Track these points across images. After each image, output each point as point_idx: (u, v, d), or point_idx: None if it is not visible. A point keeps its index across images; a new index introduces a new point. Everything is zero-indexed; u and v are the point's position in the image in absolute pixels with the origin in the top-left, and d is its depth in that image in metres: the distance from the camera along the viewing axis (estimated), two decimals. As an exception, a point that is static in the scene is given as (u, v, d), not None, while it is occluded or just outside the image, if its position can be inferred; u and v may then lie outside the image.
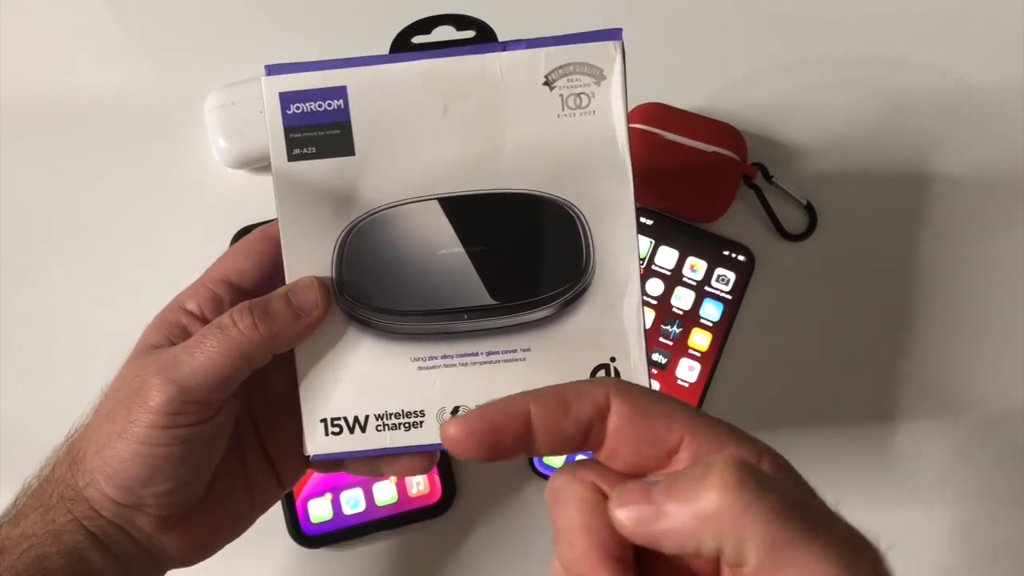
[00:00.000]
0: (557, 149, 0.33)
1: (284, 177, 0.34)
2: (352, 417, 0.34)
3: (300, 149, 0.34)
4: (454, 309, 0.34)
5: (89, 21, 0.56)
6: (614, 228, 0.33)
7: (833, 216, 0.53)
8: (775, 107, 0.54)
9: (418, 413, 0.34)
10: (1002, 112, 0.54)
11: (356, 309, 0.34)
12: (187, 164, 0.53)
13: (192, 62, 0.55)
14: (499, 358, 0.34)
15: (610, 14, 0.56)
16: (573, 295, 0.34)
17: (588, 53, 0.33)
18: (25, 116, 0.54)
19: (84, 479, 0.32)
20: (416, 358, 0.34)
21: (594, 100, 0.33)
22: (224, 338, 0.31)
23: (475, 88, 0.33)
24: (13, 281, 0.52)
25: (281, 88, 0.34)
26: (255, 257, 0.35)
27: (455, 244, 0.34)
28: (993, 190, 0.53)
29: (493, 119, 0.33)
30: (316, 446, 0.34)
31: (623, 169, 0.33)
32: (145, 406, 0.31)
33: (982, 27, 0.56)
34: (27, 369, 0.51)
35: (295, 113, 0.34)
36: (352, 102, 0.33)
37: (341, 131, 0.33)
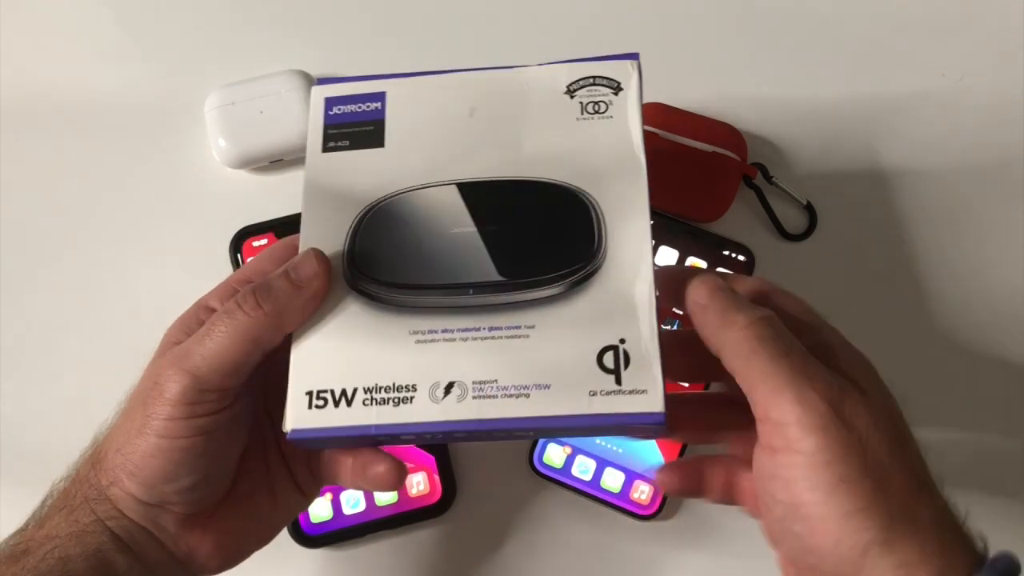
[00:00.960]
0: (575, 148, 0.35)
1: (316, 164, 0.36)
2: (339, 389, 0.33)
3: (335, 142, 0.36)
4: (460, 284, 0.34)
5: (89, 21, 0.56)
6: (628, 219, 0.34)
7: (833, 216, 0.53)
8: (775, 107, 0.54)
9: (410, 387, 0.32)
10: (1002, 112, 0.54)
11: (361, 281, 0.34)
12: (187, 164, 0.53)
13: (192, 62, 0.55)
14: (501, 334, 0.33)
15: (610, 14, 0.56)
16: (582, 276, 0.33)
17: (608, 69, 0.36)
18: (25, 116, 0.54)
19: (107, 478, 0.32)
20: (415, 331, 0.33)
21: (612, 107, 0.36)
22: (231, 322, 0.31)
23: (501, 94, 0.36)
24: (13, 281, 0.52)
25: (328, 94, 0.37)
26: (280, 262, 0.34)
27: (468, 224, 0.35)
28: (993, 190, 0.53)
29: (516, 120, 0.36)
30: (297, 419, 0.32)
31: (638, 165, 0.35)
32: (161, 399, 0.31)
33: (982, 27, 0.56)
34: (27, 369, 0.51)
35: (335, 113, 0.37)
36: (389, 104, 0.37)
37: (375, 127, 0.36)
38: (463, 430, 0.32)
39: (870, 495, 0.27)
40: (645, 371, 0.32)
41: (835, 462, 0.27)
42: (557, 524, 0.49)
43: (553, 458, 0.48)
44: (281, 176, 0.53)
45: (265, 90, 0.52)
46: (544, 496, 0.49)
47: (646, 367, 0.32)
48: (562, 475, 0.48)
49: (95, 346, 0.50)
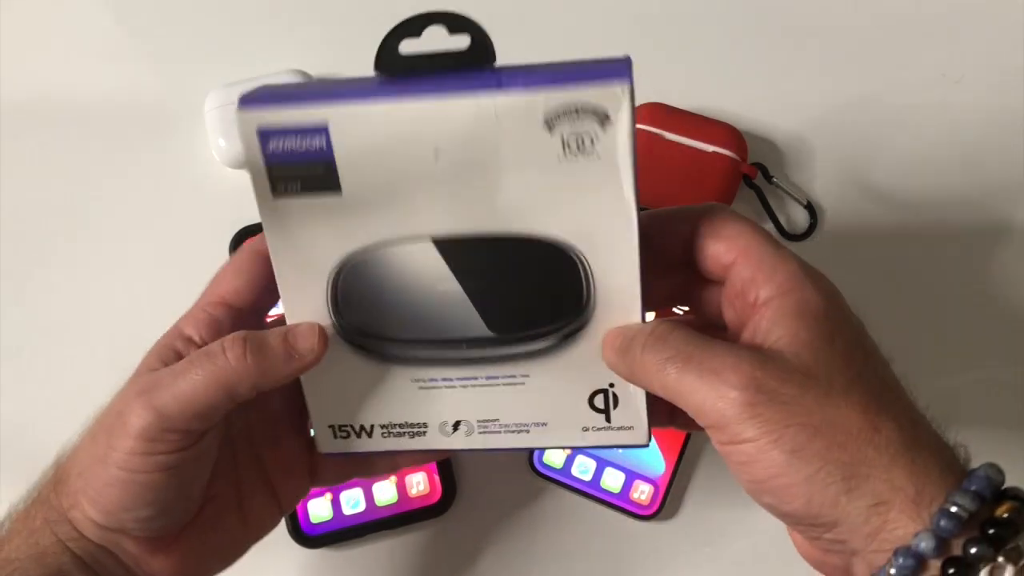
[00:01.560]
0: (558, 192, 0.31)
1: (271, 214, 0.32)
2: (358, 425, 0.35)
3: (284, 185, 0.32)
4: (453, 340, 0.34)
5: (89, 21, 0.56)
6: (617, 268, 0.32)
7: (833, 216, 0.53)
8: (775, 107, 0.54)
9: (421, 425, 0.35)
10: (1002, 112, 0.54)
11: (355, 336, 0.34)
12: (187, 164, 0.53)
13: (192, 62, 0.55)
14: (498, 382, 0.34)
15: (610, 15, 0.56)
16: (571, 330, 0.33)
17: (592, 96, 0.29)
18: (25, 116, 0.54)
19: (68, 501, 0.32)
20: (416, 379, 0.34)
21: (598, 143, 0.30)
22: (210, 366, 0.30)
23: (469, 131, 0.30)
24: (13, 281, 0.52)
25: (259, 124, 0.31)
26: (246, 274, 0.34)
27: (451, 281, 0.33)
28: (993, 190, 0.53)
29: (488, 164, 0.31)
30: (327, 446, 0.36)
31: (627, 212, 0.31)
32: (124, 431, 0.30)
33: (983, 27, 0.56)
34: (27, 369, 0.51)
35: (276, 151, 0.31)
36: (335, 141, 0.31)
37: (325, 170, 0.31)
38: (473, 454, 0.37)
39: (824, 453, 0.27)
40: (632, 411, 0.34)
41: (780, 438, 0.28)
42: (557, 524, 0.49)
43: (553, 458, 0.48)
44: (281, 176, 0.53)
45: (265, 90, 0.52)
46: (544, 496, 0.49)
47: (632, 407, 0.34)
48: (562, 475, 0.48)
49: (95, 346, 0.50)
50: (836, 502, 0.27)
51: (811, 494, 0.28)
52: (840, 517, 0.28)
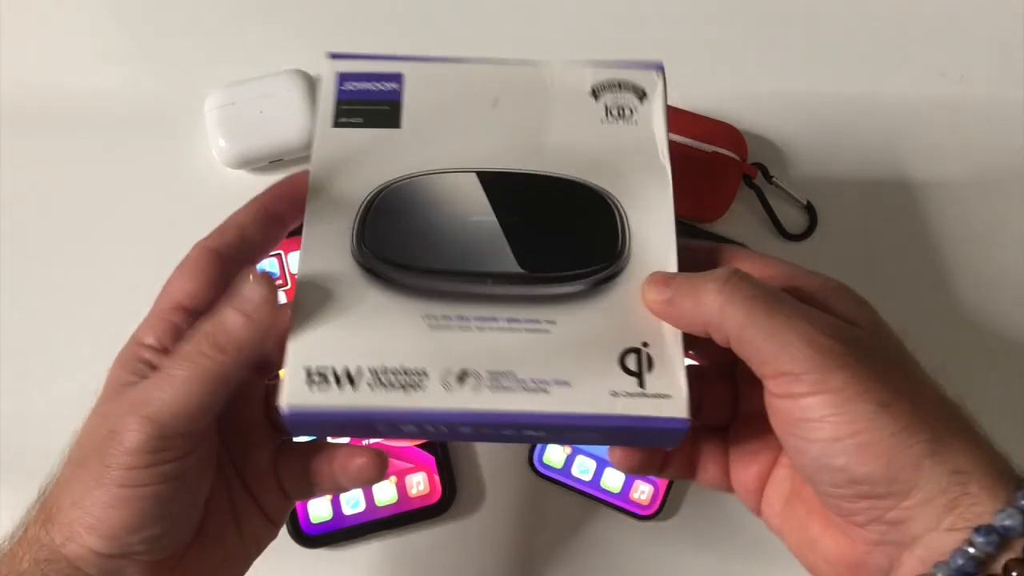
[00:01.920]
0: (599, 149, 0.35)
1: (325, 139, 0.35)
2: (343, 368, 0.30)
3: (347, 118, 0.35)
4: (479, 272, 0.32)
5: (89, 21, 0.56)
6: (652, 222, 0.33)
7: (833, 216, 0.53)
8: (775, 107, 0.54)
9: (420, 372, 0.30)
10: (1002, 112, 0.54)
11: (373, 262, 0.32)
12: (187, 164, 0.53)
13: (192, 62, 0.55)
14: (520, 327, 0.31)
15: (610, 14, 0.56)
16: (605, 276, 0.32)
17: (633, 75, 0.36)
18: (25, 116, 0.54)
19: (61, 535, 0.30)
20: (428, 315, 0.31)
21: (637, 113, 0.35)
22: (190, 366, 0.30)
23: (525, 88, 0.35)
24: (13, 281, 0.52)
25: (341, 69, 0.36)
26: (200, 275, 0.33)
27: (488, 212, 0.33)
28: (993, 190, 0.53)
29: (539, 117, 0.35)
30: (294, 396, 0.30)
31: (663, 173, 0.34)
32: (120, 448, 0.29)
33: (982, 27, 0.56)
34: (27, 369, 0.51)
35: (349, 89, 0.35)
36: (407, 86, 0.35)
37: (391, 108, 0.35)
38: (475, 422, 0.30)
39: (910, 413, 0.27)
40: (669, 376, 0.30)
41: (868, 391, 0.27)
42: (557, 524, 0.49)
43: (553, 458, 0.48)
44: (281, 176, 0.53)
45: (265, 90, 0.52)
46: (544, 496, 0.49)
47: (670, 372, 0.31)
48: (562, 475, 0.48)
49: (95, 346, 0.50)
50: (919, 464, 0.27)
51: (894, 453, 0.27)
52: (920, 482, 0.27)
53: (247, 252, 0.34)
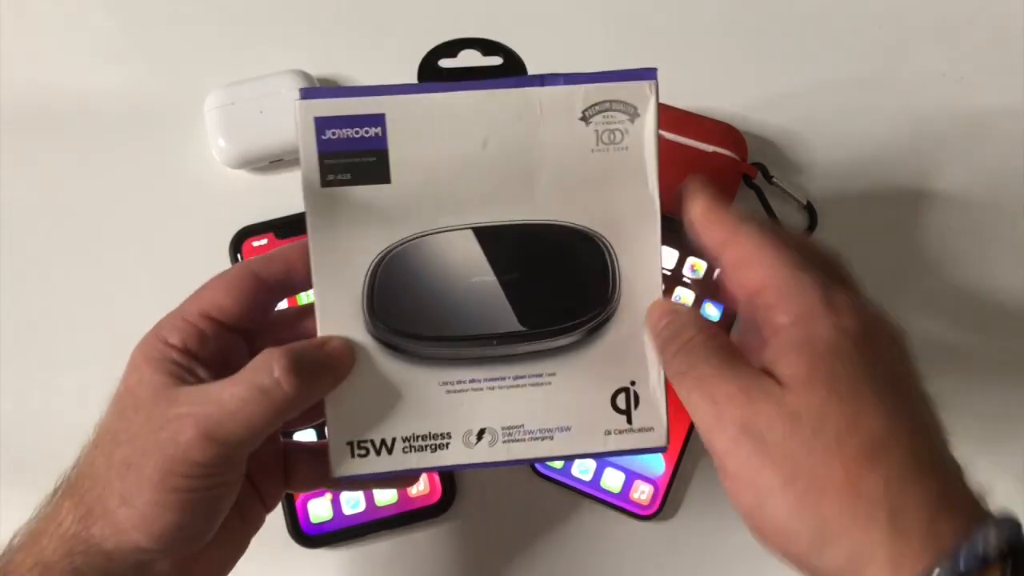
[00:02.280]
0: (590, 182, 0.34)
1: (316, 201, 0.33)
2: (379, 440, 0.35)
3: (334, 175, 0.33)
4: (485, 335, 0.34)
5: (89, 21, 0.56)
6: (639, 259, 0.34)
7: (833, 216, 0.53)
8: (775, 107, 0.54)
9: (445, 435, 0.35)
10: (1002, 112, 0.54)
11: (387, 335, 0.34)
12: (187, 164, 0.53)
13: (192, 62, 0.55)
14: (525, 382, 0.35)
15: (609, 13, 0.56)
16: (599, 322, 0.35)
17: (624, 92, 0.34)
18: (25, 116, 0.54)
19: (104, 531, 0.31)
20: (444, 382, 0.35)
21: (627, 136, 0.34)
22: (265, 400, 0.31)
23: (515, 121, 0.34)
24: (13, 281, 0.52)
25: (317, 112, 0.33)
26: (236, 294, 0.34)
27: (487, 272, 0.34)
28: (993, 190, 0.53)
29: (530, 153, 0.34)
30: (342, 468, 0.35)
31: (651, 204, 0.34)
32: (182, 458, 0.30)
33: (983, 27, 0.56)
34: (27, 369, 0.51)
35: (330, 139, 0.33)
36: (391, 130, 0.33)
37: (377, 159, 0.33)
38: (492, 467, 0.35)
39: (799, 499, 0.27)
40: (652, 410, 0.35)
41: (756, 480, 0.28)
42: (557, 524, 0.49)
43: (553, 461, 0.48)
44: (281, 176, 0.53)
45: (265, 90, 0.52)
46: (544, 496, 0.49)
47: (653, 406, 0.35)
48: (562, 475, 0.48)
49: (95, 346, 0.50)
50: (809, 551, 0.27)
51: (787, 536, 0.28)
52: (817, 565, 0.27)
53: (288, 286, 0.35)
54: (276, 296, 0.36)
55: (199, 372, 0.33)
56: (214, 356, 0.34)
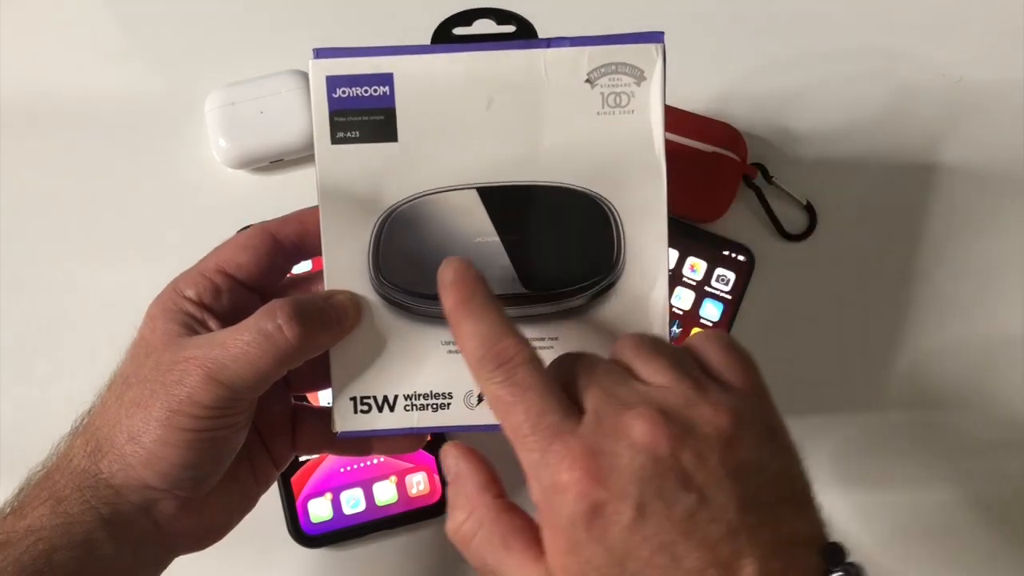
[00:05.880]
0: (595, 146, 0.34)
1: (326, 159, 0.34)
2: (381, 396, 0.35)
3: (344, 132, 0.34)
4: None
5: (89, 21, 0.56)
6: (646, 225, 0.34)
7: (833, 216, 0.53)
8: (775, 107, 0.54)
9: (446, 395, 0.35)
10: (1001, 111, 0.54)
11: (391, 292, 0.34)
12: (187, 164, 0.53)
13: (192, 62, 0.55)
14: None
15: (609, 14, 0.56)
16: (603, 287, 0.34)
17: (630, 54, 0.34)
18: (25, 116, 0.54)
19: (111, 467, 0.32)
20: (446, 342, 0.35)
21: (633, 100, 0.34)
22: (268, 344, 0.32)
23: (520, 83, 0.34)
24: (13, 281, 0.52)
25: (328, 72, 0.34)
26: (252, 252, 0.35)
27: (491, 233, 0.34)
28: (993, 190, 0.53)
29: (534, 114, 0.34)
30: (345, 423, 0.35)
31: (657, 169, 0.34)
32: (190, 399, 0.31)
33: (981, 26, 0.56)
34: (27, 369, 0.51)
35: (340, 97, 0.34)
36: (398, 89, 0.34)
37: (385, 117, 0.34)
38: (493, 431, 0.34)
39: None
40: None
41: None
42: (557, 524, 0.49)
43: (553, 458, 0.48)
44: (281, 176, 0.53)
45: (265, 90, 0.52)
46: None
47: None
48: (562, 475, 0.48)
49: (95, 345, 0.50)
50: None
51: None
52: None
53: (303, 247, 0.36)
54: (291, 257, 0.37)
55: (211, 324, 0.34)
56: (228, 311, 0.35)
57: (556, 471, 0.27)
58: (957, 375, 0.51)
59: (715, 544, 0.25)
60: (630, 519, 0.26)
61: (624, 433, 0.27)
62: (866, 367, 0.51)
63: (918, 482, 0.50)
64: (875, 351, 0.52)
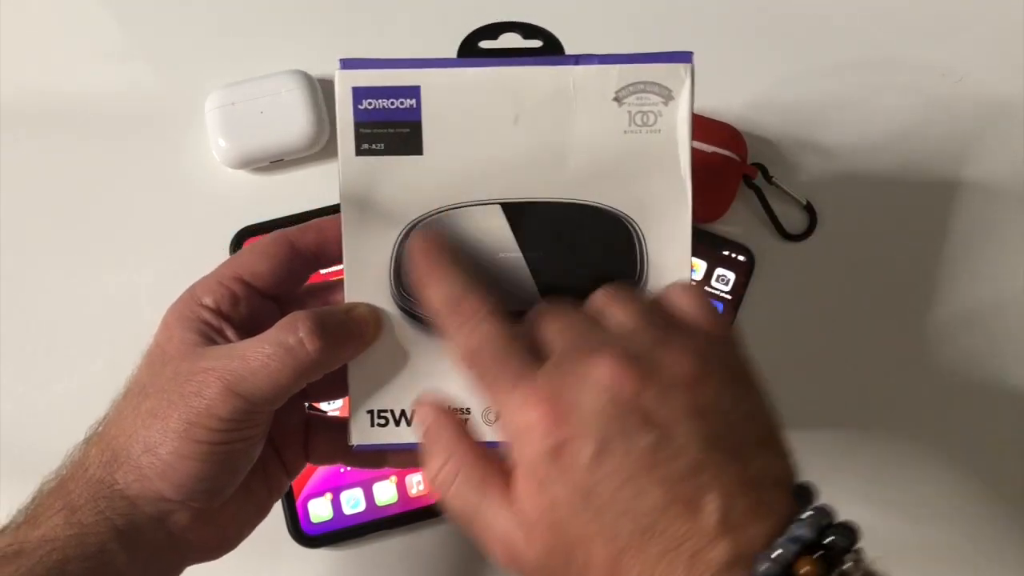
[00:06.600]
0: (620, 163, 0.34)
1: (350, 170, 0.34)
2: (399, 410, 0.35)
3: (369, 144, 0.34)
4: (509, 312, 0.34)
5: (89, 21, 0.56)
6: (670, 244, 0.34)
7: (833, 216, 0.53)
8: (776, 107, 0.54)
9: (464, 411, 0.34)
10: (1002, 112, 0.54)
11: (411, 305, 0.34)
12: (187, 164, 0.53)
13: (192, 62, 0.55)
14: None
15: (608, 14, 0.56)
16: None
17: (659, 73, 0.34)
18: (25, 116, 0.54)
19: (126, 477, 0.32)
20: None
21: (660, 119, 0.34)
22: (288, 358, 0.31)
23: (547, 99, 0.34)
24: (13, 281, 0.52)
25: (355, 83, 0.34)
26: (271, 260, 0.35)
27: (514, 249, 0.34)
28: (992, 190, 0.53)
29: (561, 130, 0.34)
30: (361, 436, 0.35)
31: (683, 189, 0.34)
32: (207, 412, 0.31)
33: (983, 28, 0.56)
34: (27, 369, 0.51)
35: (366, 109, 0.34)
36: (425, 103, 0.34)
37: (411, 130, 0.34)
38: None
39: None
40: None
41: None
42: (557, 524, 0.49)
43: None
44: (281, 176, 0.53)
45: (265, 90, 0.52)
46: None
47: None
48: (562, 475, 0.48)
49: (95, 346, 0.50)
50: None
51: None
52: None
53: (321, 256, 0.36)
54: (309, 265, 0.36)
55: (228, 333, 0.34)
56: (245, 319, 0.34)
57: (521, 412, 0.28)
58: (957, 375, 0.51)
59: (678, 480, 0.26)
60: (592, 453, 0.26)
61: (587, 374, 0.27)
62: (866, 367, 0.51)
63: (917, 482, 0.50)
64: (875, 351, 0.52)
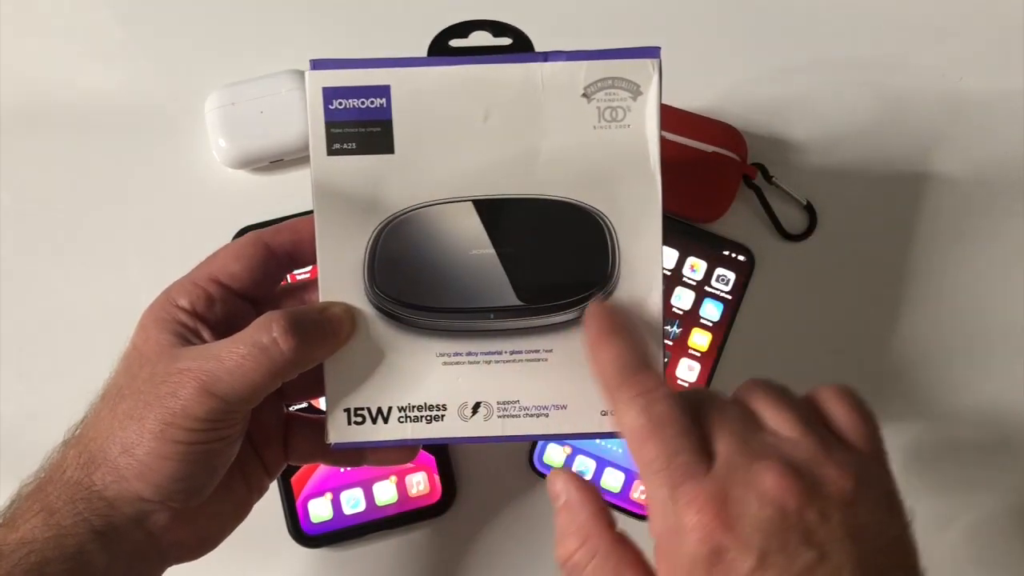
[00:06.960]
0: (591, 159, 0.34)
1: (322, 170, 0.34)
2: (375, 408, 0.35)
3: (340, 144, 0.34)
4: (481, 308, 0.35)
5: (89, 21, 0.56)
6: (640, 236, 0.34)
7: (833, 216, 0.53)
8: (775, 107, 0.54)
9: (440, 407, 0.35)
10: (1002, 113, 0.54)
11: (386, 304, 0.34)
12: (187, 164, 0.53)
13: (192, 62, 0.55)
14: (522, 357, 0.35)
15: (608, 13, 0.56)
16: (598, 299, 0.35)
17: (627, 69, 0.34)
18: (25, 116, 0.54)
19: (104, 479, 0.32)
20: (441, 353, 0.35)
21: (629, 114, 0.34)
22: (263, 357, 0.32)
23: (516, 96, 0.34)
24: (13, 281, 0.52)
25: (325, 83, 0.34)
26: (245, 261, 0.35)
27: (486, 245, 0.35)
28: (992, 190, 0.53)
29: (531, 127, 0.34)
30: (338, 435, 0.35)
31: (652, 181, 0.34)
32: (183, 412, 0.31)
33: (982, 28, 0.56)
34: (27, 369, 0.51)
35: (337, 108, 0.34)
36: (395, 101, 0.34)
37: (382, 129, 0.34)
38: (487, 442, 0.35)
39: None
40: None
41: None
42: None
43: (553, 458, 0.48)
44: (281, 176, 0.53)
45: (265, 90, 0.52)
46: (544, 496, 0.48)
47: None
48: (562, 475, 0.48)
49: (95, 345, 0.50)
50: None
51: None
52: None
53: (296, 256, 0.36)
54: (284, 266, 0.36)
55: (204, 334, 0.34)
56: (221, 320, 0.35)
57: (684, 511, 0.28)
58: (957, 375, 0.51)
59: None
60: (751, 568, 0.26)
61: (755, 483, 0.27)
62: (865, 367, 0.51)
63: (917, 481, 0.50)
64: (874, 351, 0.52)
